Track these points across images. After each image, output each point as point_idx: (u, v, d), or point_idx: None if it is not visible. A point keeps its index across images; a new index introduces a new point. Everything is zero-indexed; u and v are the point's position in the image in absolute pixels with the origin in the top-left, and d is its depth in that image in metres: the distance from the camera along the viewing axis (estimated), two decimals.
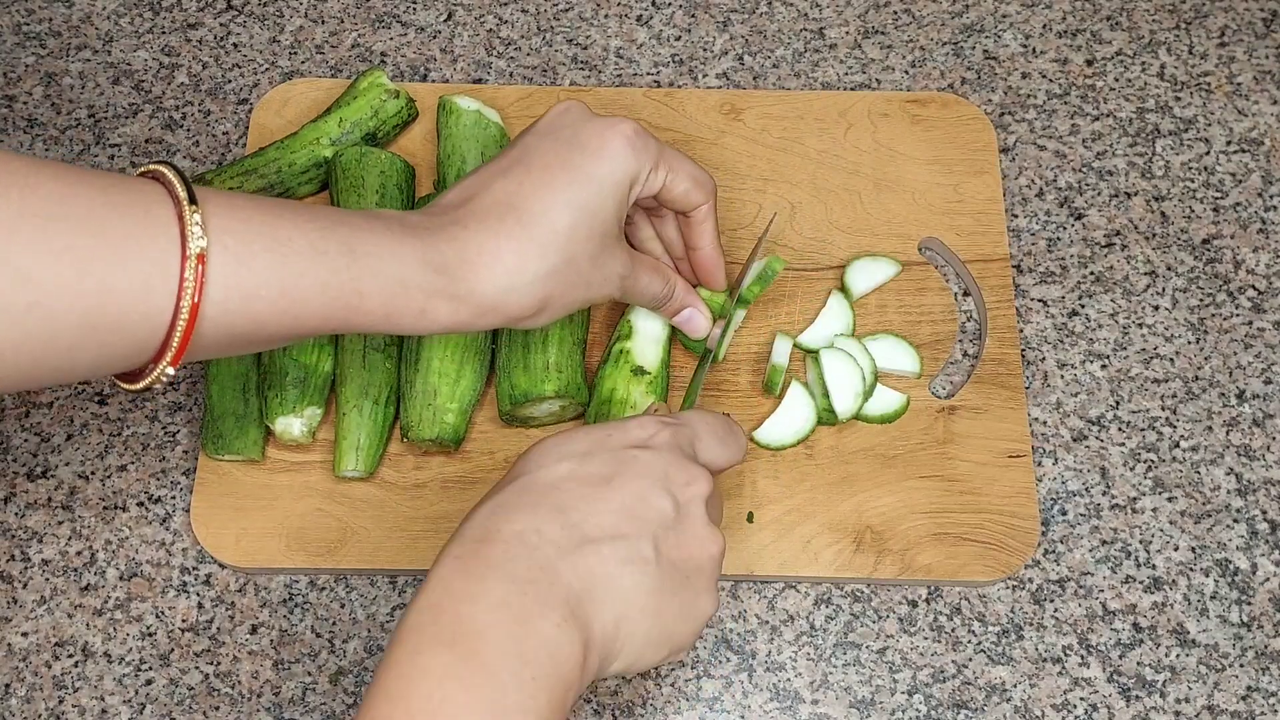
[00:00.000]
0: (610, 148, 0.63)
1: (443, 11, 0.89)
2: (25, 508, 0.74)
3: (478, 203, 0.61)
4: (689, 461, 0.57)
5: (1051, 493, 0.75)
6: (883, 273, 0.79)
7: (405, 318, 0.58)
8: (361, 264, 0.56)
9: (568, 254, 0.61)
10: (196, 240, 0.52)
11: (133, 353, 0.53)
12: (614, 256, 0.64)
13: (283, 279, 0.54)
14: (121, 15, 0.89)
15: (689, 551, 0.56)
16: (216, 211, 0.53)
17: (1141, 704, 0.70)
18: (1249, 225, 0.82)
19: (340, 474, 0.72)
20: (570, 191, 0.61)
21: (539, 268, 0.60)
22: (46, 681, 0.70)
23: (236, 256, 0.53)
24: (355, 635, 0.71)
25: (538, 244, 0.60)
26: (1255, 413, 0.77)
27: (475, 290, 0.59)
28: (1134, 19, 0.89)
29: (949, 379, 0.77)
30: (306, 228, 0.56)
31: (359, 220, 0.58)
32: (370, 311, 0.57)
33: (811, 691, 0.70)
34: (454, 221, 0.60)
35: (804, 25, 0.89)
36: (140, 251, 0.51)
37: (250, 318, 0.54)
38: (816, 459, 0.74)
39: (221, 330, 0.54)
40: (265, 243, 0.54)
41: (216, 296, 0.53)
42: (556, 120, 0.64)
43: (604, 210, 0.62)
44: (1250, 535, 0.74)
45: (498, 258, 0.59)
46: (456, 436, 0.72)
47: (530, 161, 0.62)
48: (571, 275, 0.62)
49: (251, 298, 0.54)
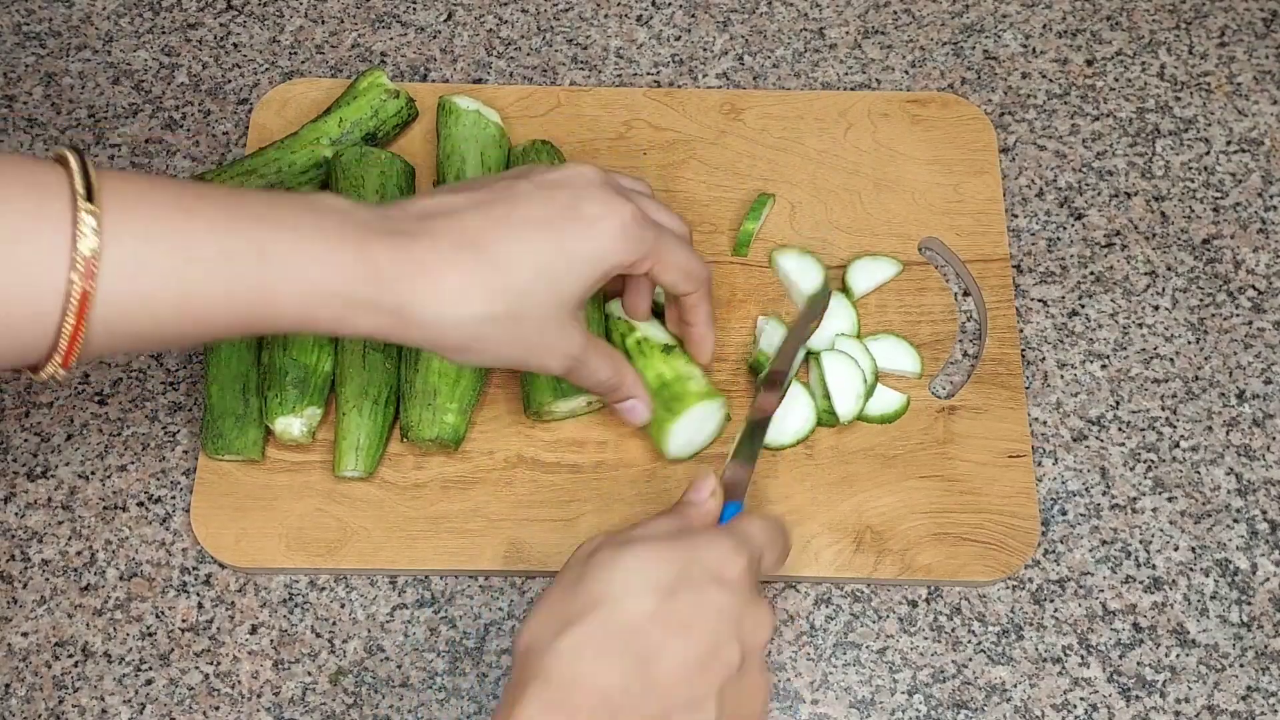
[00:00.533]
0: (601, 229, 0.60)
1: (443, 11, 0.89)
2: (25, 508, 0.74)
3: (441, 224, 0.58)
4: (758, 602, 0.56)
5: (1051, 493, 0.75)
6: (883, 272, 0.79)
7: (320, 323, 0.56)
8: (274, 269, 0.54)
9: (515, 308, 0.59)
10: (87, 241, 0.49)
11: (21, 352, 0.51)
12: (565, 333, 0.62)
13: (184, 283, 0.52)
14: (121, 15, 0.89)
15: (743, 704, 0.55)
16: (117, 206, 0.51)
17: (1141, 704, 0.70)
18: (1249, 225, 0.82)
19: (340, 474, 0.72)
20: (541, 254, 0.59)
21: (477, 309, 0.58)
22: (46, 681, 0.70)
23: (134, 257, 0.51)
24: (355, 635, 0.71)
25: (486, 286, 0.58)
26: (1255, 413, 0.77)
27: (405, 305, 0.56)
28: (1134, 19, 0.89)
29: (949, 379, 0.77)
30: (219, 226, 0.53)
31: (286, 215, 0.55)
32: (283, 315, 0.55)
33: (811, 691, 0.70)
34: (405, 232, 0.57)
35: (804, 25, 0.89)
36: (30, 252, 0.49)
37: (147, 320, 0.52)
38: (816, 459, 0.74)
39: (116, 331, 0.52)
40: (167, 244, 0.52)
41: (108, 298, 0.50)
42: (566, 179, 0.62)
43: (570, 283, 0.60)
44: (1250, 535, 0.74)
45: (440, 281, 0.57)
46: (456, 436, 0.72)
47: (515, 207, 0.60)
48: (511, 331, 0.59)
49: (148, 301, 0.52)
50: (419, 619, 0.72)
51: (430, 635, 0.71)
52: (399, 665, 0.70)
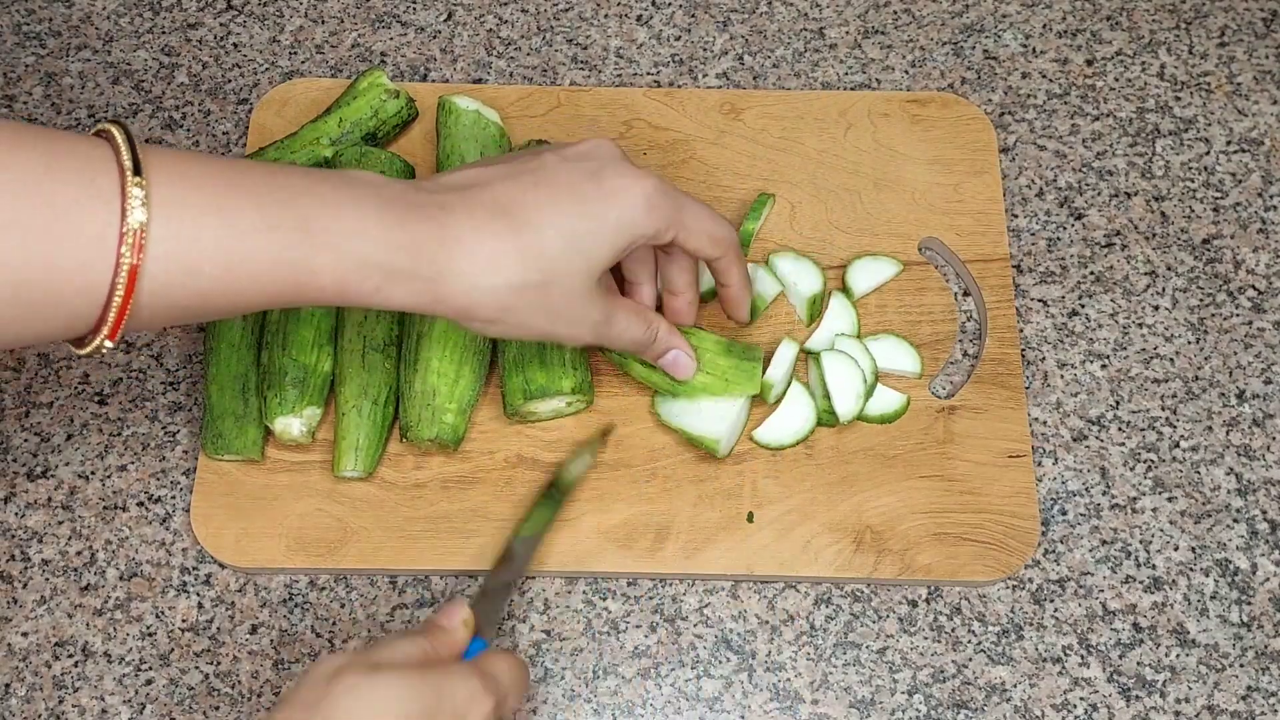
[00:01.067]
0: (627, 197, 0.61)
1: (443, 11, 0.89)
2: (25, 508, 0.74)
3: (474, 195, 0.59)
4: None
5: (1051, 493, 0.75)
6: (883, 272, 0.79)
7: (359, 295, 0.57)
8: (317, 240, 0.55)
9: (546, 276, 0.59)
10: (136, 214, 0.50)
11: (69, 324, 0.52)
12: (590, 300, 0.62)
13: (229, 254, 0.53)
14: (121, 15, 0.89)
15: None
16: (163, 180, 0.52)
17: (1141, 704, 0.70)
18: (1249, 225, 0.82)
19: (339, 474, 0.72)
20: (572, 220, 0.60)
21: (511, 276, 0.59)
22: (46, 681, 0.70)
23: (180, 230, 0.52)
24: (355, 635, 0.71)
25: (519, 253, 0.58)
26: (1255, 413, 0.77)
27: (441, 274, 0.57)
28: (1134, 19, 0.89)
29: (949, 379, 0.77)
30: (263, 199, 0.54)
31: (326, 190, 0.56)
32: (322, 287, 0.56)
33: (811, 691, 0.70)
34: (439, 204, 0.58)
35: (804, 25, 0.89)
36: (79, 225, 0.50)
37: (193, 291, 0.53)
38: (816, 459, 0.74)
39: (162, 303, 0.52)
40: (213, 216, 0.52)
41: (156, 271, 0.51)
42: (588, 151, 0.63)
43: (597, 252, 0.61)
44: (1250, 535, 0.74)
45: (475, 250, 0.58)
46: (455, 436, 0.72)
47: (543, 177, 0.60)
48: (541, 298, 0.60)
49: (194, 273, 0.52)
50: (419, 619, 0.71)
51: None
52: None
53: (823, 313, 0.77)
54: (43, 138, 0.51)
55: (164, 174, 0.52)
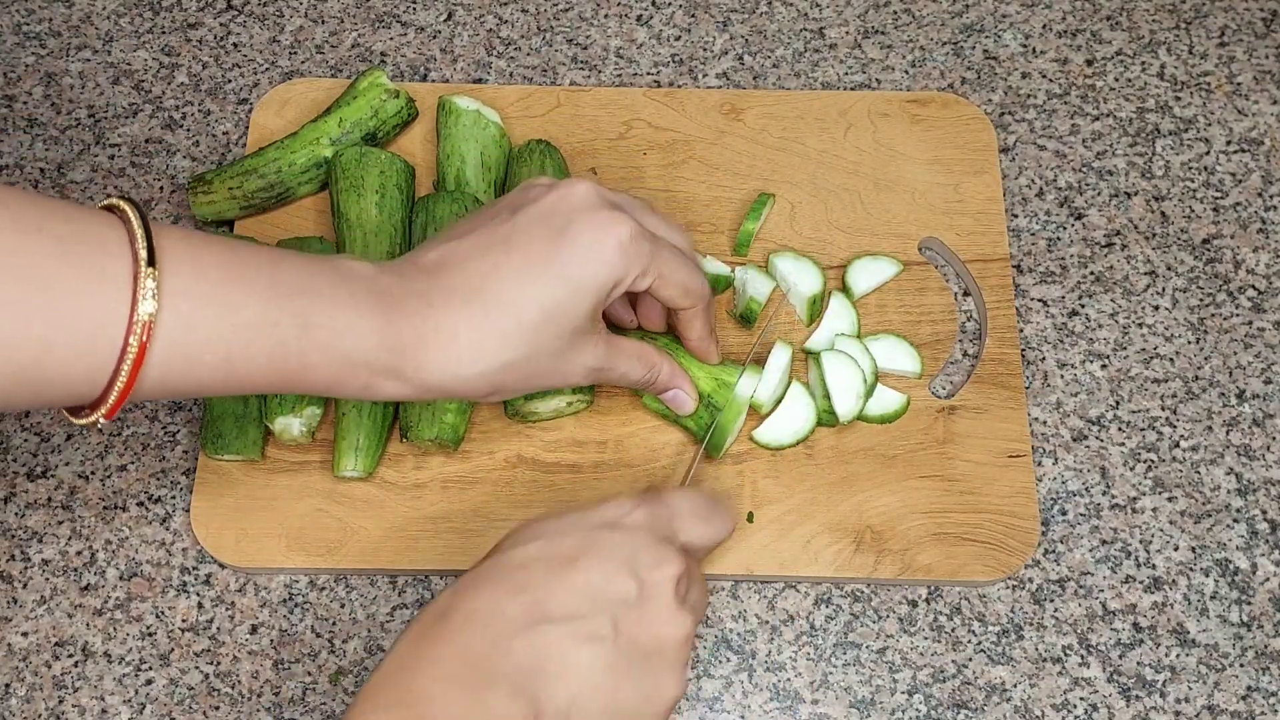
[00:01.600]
0: (600, 249, 0.60)
1: (443, 11, 0.89)
2: (25, 508, 0.74)
3: (449, 278, 0.60)
4: (660, 543, 0.56)
5: (1051, 493, 0.75)
6: (884, 272, 0.79)
7: (348, 390, 0.59)
8: (312, 337, 0.56)
9: (529, 349, 0.60)
10: (146, 304, 0.51)
11: (69, 399, 0.53)
12: (582, 350, 0.63)
13: (229, 346, 0.54)
14: (121, 15, 0.89)
15: (652, 631, 0.55)
16: (175, 269, 0.52)
17: (1141, 704, 0.70)
18: (1249, 225, 0.82)
19: (339, 474, 0.72)
20: (545, 287, 0.60)
21: (494, 359, 0.60)
22: (46, 681, 0.70)
23: (186, 322, 0.53)
24: (355, 635, 0.71)
25: (499, 334, 0.59)
26: (1255, 413, 0.77)
27: (422, 371, 0.59)
28: (1134, 19, 0.89)
29: (949, 379, 0.77)
30: (265, 294, 0.55)
31: (323, 285, 0.57)
32: (313, 382, 0.57)
33: (811, 691, 0.70)
34: (421, 295, 0.59)
35: (804, 25, 0.89)
36: (89, 311, 0.51)
37: (190, 379, 0.54)
38: (816, 459, 0.74)
39: (158, 387, 0.54)
40: (217, 309, 0.54)
41: (158, 359, 0.52)
42: (558, 203, 0.62)
43: (577, 310, 0.61)
44: (1250, 535, 0.74)
45: (454, 341, 0.59)
46: (456, 436, 0.72)
47: (514, 244, 0.60)
48: (530, 369, 0.61)
49: (195, 362, 0.54)
50: None
51: None
52: None
53: (823, 313, 0.77)
54: (55, 216, 0.51)
55: (175, 264, 0.53)
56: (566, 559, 0.55)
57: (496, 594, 0.54)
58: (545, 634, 0.53)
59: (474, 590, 0.54)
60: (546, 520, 0.57)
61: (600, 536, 0.56)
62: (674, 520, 0.59)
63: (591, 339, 0.63)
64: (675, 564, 0.56)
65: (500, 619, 0.53)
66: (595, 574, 0.54)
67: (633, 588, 0.55)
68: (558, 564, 0.55)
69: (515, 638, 0.53)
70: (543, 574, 0.54)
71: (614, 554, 0.55)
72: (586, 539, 0.56)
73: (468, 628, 0.53)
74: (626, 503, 0.58)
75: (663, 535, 0.57)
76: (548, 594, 0.54)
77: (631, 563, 0.55)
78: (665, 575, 0.55)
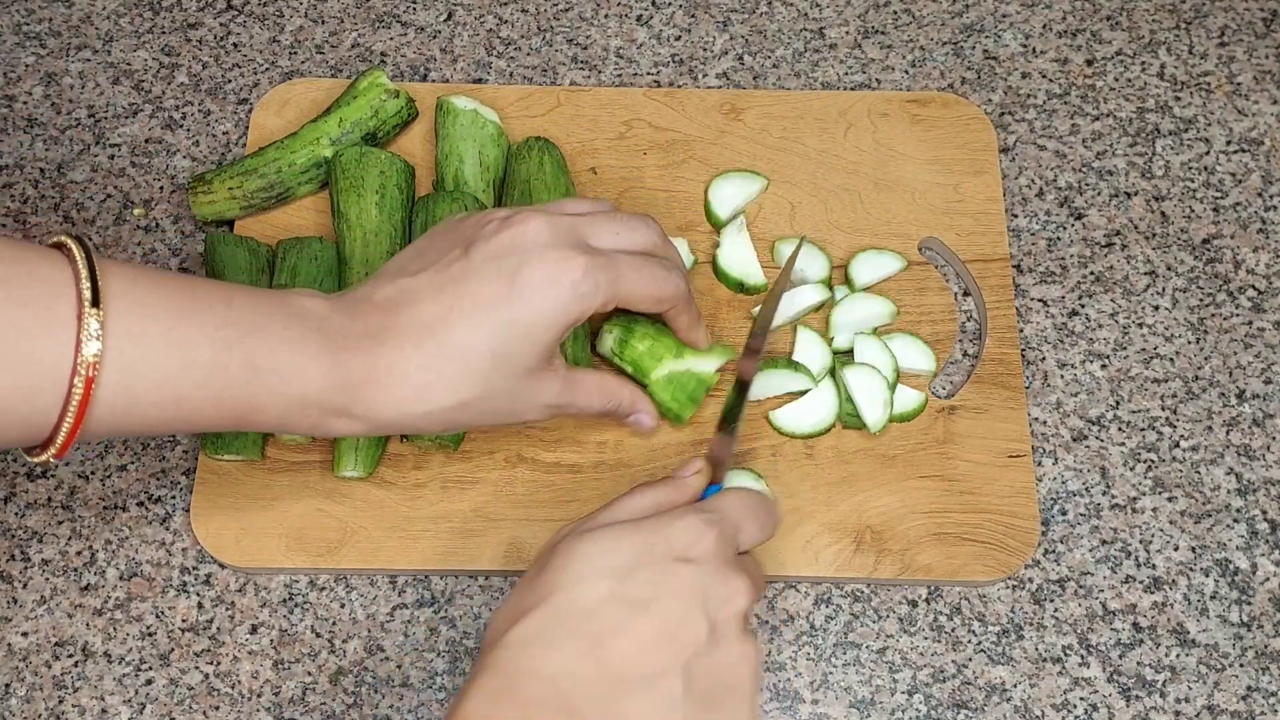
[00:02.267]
0: (552, 291, 0.60)
1: (443, 11, 0.89)
2: (25, 508, 0.74)
3: (401, 317, 0.60)
4: (730, 572, 0.56)
5: (1051, 493, 0.75)
6: (887, 266, 0.78)
7: (299, 428, 0.59)
8: (262, 380, 0.56)
9: (480, 391, 0.60)
10: (91, 346, 0.51)
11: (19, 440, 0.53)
12: (538, 389, 0.63)
13: (178, 389, 0.54)
14: (121, 15, 0.89)
15: (722, 676, 0.54)
16: (121, 309, 0.52)
17: (1141, 704, 0.70)
18: (1249, 225, 0.82)
19: (339, 475, 0.72)
20: (496, 332, 0.60)
21: (444, 401, 0.60)
22: (46, 681, 0.70)
23: (131, 363, 0.52)
24: (355, 635, 0.71)
25: (448, 377, 0.59)
26: (1255, 413, 0.77)
27: (373, 411, 0.59)
28: (1134, 19, 0.89)
29: (949, 379, 0.77)
30: (214, 335, 0.55)
31: (274, 325, 0.57)
32: (263, 421, 0.58)
33: (811, 691, 0.70)
34: (372, 335, 0.59)
35: (804, 25, 0.89)
36: (33, 352, 0.50)
37: (138, 419, 0.54)
38: (816, 459, 0.74)
39: (104, 427, 0.53)
40: (165, 351, 0.53)
41: (105, 399, 0.52)
42: (512, 242, 0.61)
43: (529, 351, 0.61)
44: (1250, 535, 0.74)
45: (405, 382, 0.59)
46: (456, 436, 0.72)
47: (465, 287, 0.60)
48: (481, 408, 0.61)
49: (141, 403, 0.53)
50: (419, 619, 0.72)
51: (430, 635, 0.71)
52: (399, 665, 0.70)
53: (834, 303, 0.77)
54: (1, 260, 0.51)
55: (121, 301, 0.52)
56: (639, 602, 0.53)
57: (571, 655, 0.52)
58: (620, 702, 0.52)
59: (546, 648, 0.53)
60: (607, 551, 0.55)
61: (673, 575, 0.54)
62: (736, 532, 0.58)
63: (547, 376, 0.63)
64: (744, 595, 0.55)
65: (577, 686, 0.52)
66: (669, 619, 0.53)
67: (704, 630, 0.54)
68: (630, 608, 0.53)
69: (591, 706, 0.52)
70: (615, 622, 0.53)
71: (686, 594, 0.54)
72: (658, 578, 0.54)
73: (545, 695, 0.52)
74: (694, 525, 0.56)
75: (729, 556, 0.57)
76: (622, 647, 0.53)
77: (704, 602, 0.54)
78: (736, 609, 0.55)
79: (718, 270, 0.78)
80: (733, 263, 0.78)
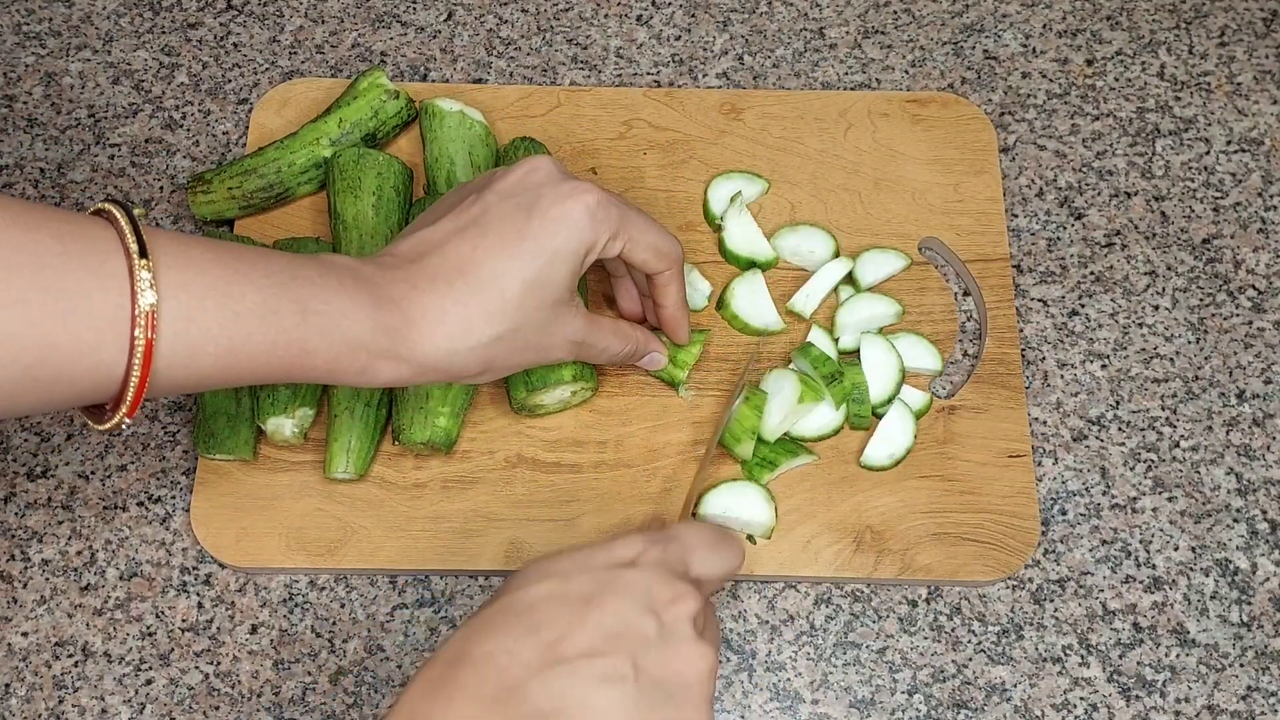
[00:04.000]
0: (569, 218, 0.63)
1: (443, 11, 0.89)
2: (25, 508, 0.74)
3: (430, 262, 0.62)
4: (676, 579, 0.55)
5: (1051, 493, 0.75)
6: (891, 265, 0.78)
7: (348, 374, 0.59)
8: (312, 323, 0.57)
9: (515, 322, 0.62)
10: (146, 296, 0.52)
11: (77, 398, 0.53)
12: (565, 323, 0.65)
13: (232, 337, 0.55)
14: (121, 15, 0.89)
15: (674, 669, 0.53)
16: (169, 264, 0.53)
17: (1141, 704, 0.70)
18: (1249, 225, 0.82)
19: (330, 476, 0.72)
20: (523, 261, 0.62)
21: (484, 334, 0.61)
22: (46, 681, 0.70)
23: (187, 313, 0.53)
24: (355, 635, 0.71)
25: (485, 310, 0.61)
26: (1255, 413, 0.77)
27: (417, 351, 0.60)
28: (1134, 19, 0.89)
29: (949, 379, 0.77)
30: (261, 283, 0.56)
31: (314, 274, 0.58)
32: (314, 368, 0.58)
33: (811, 691, 0.70)
34: (405, 279, 0.61)
35: (804, 25, 0.89)
36: (92, 307, 0.51)
37: (195, 372, 0.55)
38: (817, 458, 0.74)
39: (164, 382, 0.54)
40: (217, 299, 0.54)
41: (164, 349, 0.53)
42: (523, 181, 0.64)
43: (556, 280, 0.63)
44: (1250, 535, 0.74)
45: (442, 321, 0.60)
46: (448, 440, 0.72)
47: (487, 224, 0.62)
48: (518, 342, 0.63)
49: (198, 354, 0.54)
50: (419, 619, 0.72)
51: (430, 635, 0.71)
52: (399, 665, 0.70)
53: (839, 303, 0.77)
54: (51, 219, 0.52)
55: (169, 257, 0.53)
56: (581, 598, 0.53)
57: (509, 636, 0.52)
58: (563, 675, 0.51)
59: (484, 634, 0.53)
60: (555, 560, 0.56)
61: (615, 575, 0.54)
62: (686, 555, 0.58)
63: (571, 311, 0.65)
64: (693, 599, 0.55)
65: (515, 662, 0.51)
66: (612, 613, 0.53)
67: (652, 625, 0.53)
68: (572, 603, 0.53)
69: (531, 681, 0.51)
70: (557, 614, 0.53)
71: (630, 592, 0.54)
72: (601, 578, 0.54)
73: (481, 673, 0.51)
74: (638, 541, 0.57)
75: (677, 571, 0.56)
76: (563, 634, 0.52)
77: (649, 600, 0.54)
78: (684, 611, 0.54)
79: (726, 253, 0.79)
80: (739, 242, 0.78)
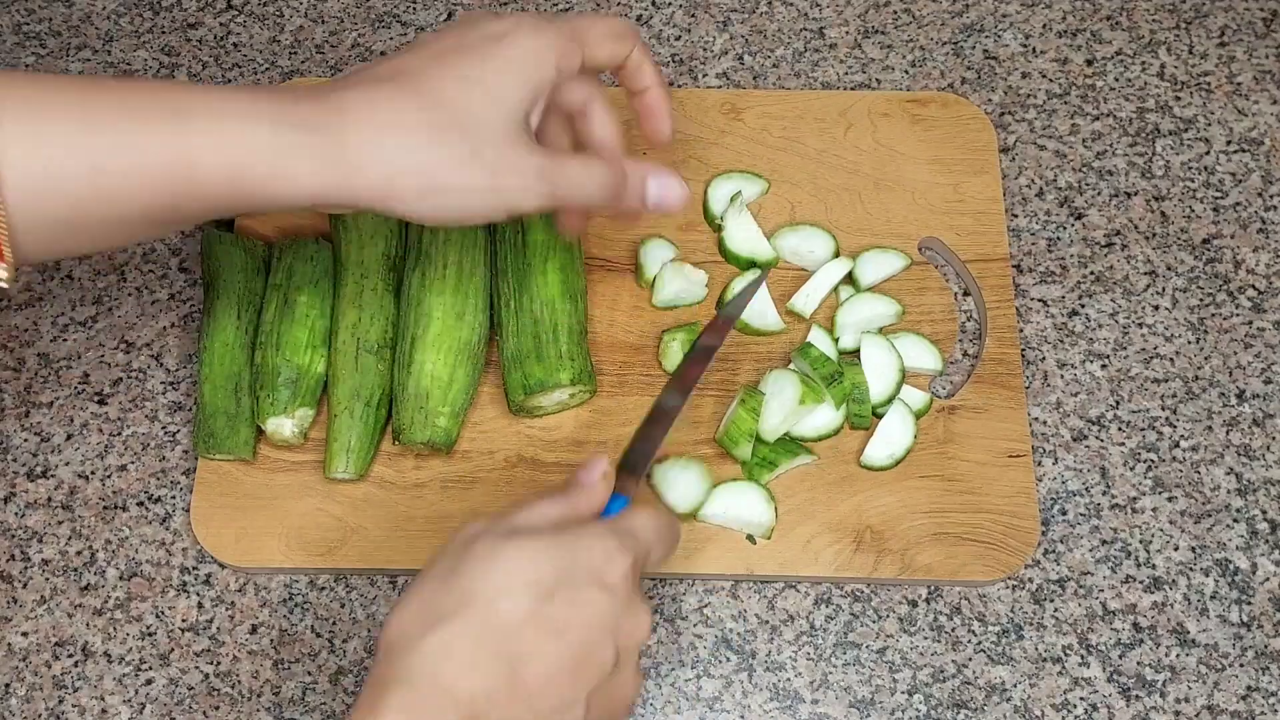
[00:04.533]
0: (526, 43, 0.58)
1: (442, 11, 0.89)
2: (25, 508, 0.74)
3: (366, 71, 0.57)
4: (638, 603, 0.55)
5: (1051, 493, 0.75)
6: (891, 265, 0.78)
7: (254, 183, 0.53)
8: (193, 127, 0.51)
9: (460, 125, 0.55)
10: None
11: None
12: (526, 148, 0.58)
13: (92, 153, 0.50)
14: (121, 15, 0.89)
15: (615, 697, 0.55)
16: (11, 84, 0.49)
17: (1141, 704, 0.70)
18: (1249, 225, 0.82)
19: (330, 476, 0.72)
20: (467, 68, 0.56)
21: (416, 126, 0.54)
22: (46, 681, 0.70)
23: (33, 131, 0.49)
24: (355, 635, 0.71)
25: (425, 106, 0.55)
26: (1255, 413, 0.77)
27: (344, 140, 0.53)
28: (1134, 19, 0.89)
29: (949, 379, 0.77)
30: (125, 96, 0.51)
31: (196, 87, 0.53)
32: (209, 182, 0.52)
33: (811, 691, 0.70)
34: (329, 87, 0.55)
35: (804, 25, 0.89)
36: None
37: (62, 200, 0.50)
38: (816, 458, 0.74)
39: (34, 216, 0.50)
40: (68, 113, 0.50)
41: (13, 179, 0.49)
42: (462, 18, 0.60)
43: (506, 93, 0.57)
44: (1250, 535, 0.74)
45: (373, 111, 0.54)
46: (449, 440, 0.72)
47: (427, 45, 0.58)
48: (465, 152, 0.55)
49: (58, 177, 0.50)
50: None
51: None
52: None
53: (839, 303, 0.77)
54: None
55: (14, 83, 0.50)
56: (557, 629, 0.53)
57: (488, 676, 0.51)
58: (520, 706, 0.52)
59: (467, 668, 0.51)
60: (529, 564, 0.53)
61: (589, 602, 0.53)
62: (647, 555, 0.58)
63: (527, 140, 0.58)
64: (647, 625, 0.56)
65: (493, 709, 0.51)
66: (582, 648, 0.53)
67: (610, 658, 0.54)
68: (548, 634, 0.52)
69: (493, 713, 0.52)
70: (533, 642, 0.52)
71: (599, 622, 0.54)
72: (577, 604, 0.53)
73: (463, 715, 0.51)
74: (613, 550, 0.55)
75: (638, 583, 0.57)
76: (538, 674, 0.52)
77: (615, 632, 0.54)
78: (638, 640, 0.55)
79: (726, 253, 0.79)
80: (739, 242, 0.78)
